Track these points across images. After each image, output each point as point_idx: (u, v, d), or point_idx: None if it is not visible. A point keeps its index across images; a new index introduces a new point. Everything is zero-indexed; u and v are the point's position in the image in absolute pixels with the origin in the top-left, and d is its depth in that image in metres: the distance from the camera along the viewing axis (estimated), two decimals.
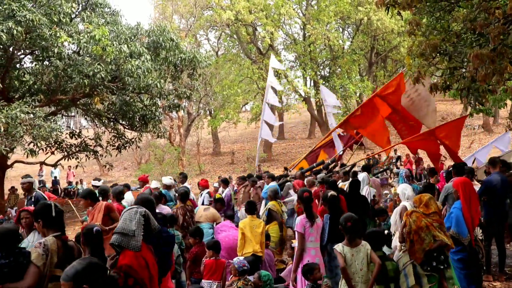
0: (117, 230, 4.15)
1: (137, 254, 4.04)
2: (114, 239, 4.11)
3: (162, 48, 18.49)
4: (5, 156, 17.58)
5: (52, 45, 16.38)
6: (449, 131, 12.26)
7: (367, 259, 5.29)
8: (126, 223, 4.13)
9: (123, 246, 4.08)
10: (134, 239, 4.08)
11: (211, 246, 6.59)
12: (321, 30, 31.03)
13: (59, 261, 3.92)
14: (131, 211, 4.28)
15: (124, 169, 36.77)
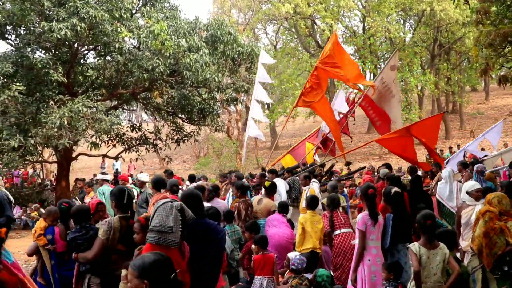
0: (154, 228, 3.99)
1: (156, 248, 3.85)
2: (152, 238, 3.99)
3: (220, 42, 18.54)
4: (70, 149, 18.19)
5: (113, 41, 16.79)
6: (425, 129, 11.67)
7: (444, 264, 4.89)
8: (163, 219, 3.97)
9: (160, 244, 3.95)
10: (172, 235, 3.96)
11: (257, 241, 6.44)
12: (382, 22, 30.25)
13: (121, 237, 4.71)
14: (165, 205, 4.09)
15: (183, 162, 37.33)
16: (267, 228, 7.64)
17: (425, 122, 12.34)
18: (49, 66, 16.25)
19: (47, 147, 17.98)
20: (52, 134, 15.41)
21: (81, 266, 4.92)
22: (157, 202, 4.32)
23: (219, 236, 4.71)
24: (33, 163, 21.22)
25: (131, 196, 4.97)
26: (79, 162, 24.54)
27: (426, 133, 11.55)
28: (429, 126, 11.82)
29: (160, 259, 2.71)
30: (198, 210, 4.50)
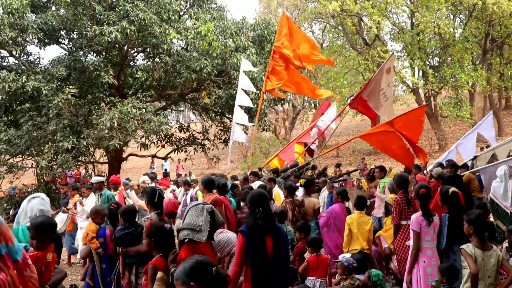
0: (184, 226, 4.34)
1: (194, 248, 4.13)
2: (183, 235, 4.31)
3: (267, 41, 18.52)
4: (120, 149, 18.57)
5: (162, 42, 17.03)
6: (408, 122, 11.02)
7: (497, 267, 4.67)
8: (193, 218, 4.32)
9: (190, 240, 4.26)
10: (200, 233, 4.25)
11: (310, 243, 6.35)
12: (431, 17, 29.45)
13: None
14: (197, 207, 4.43)
15: (230, 162, 37.53)
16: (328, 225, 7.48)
17: (408, 115, 11.79)
18: (100, 68, 16.65)
19: (99, 148, 18.41)
20: (103, 135, 15.75)
21: (128, 259, 5.36)
22: (190, 203, 4.46)
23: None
24: (86, 164, 21.76)
25: (162, 196, 5.56)
26: (129, 163, 25.04)
27: (409, 127, 11.06)
28: (412, 119, 11.32)
29: (198, 260, 2.72)
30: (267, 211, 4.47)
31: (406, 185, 6.85)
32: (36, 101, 17.60)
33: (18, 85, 16.61)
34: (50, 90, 16.33)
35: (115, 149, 16.72)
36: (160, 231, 4.47)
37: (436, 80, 28.22)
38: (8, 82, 16.42)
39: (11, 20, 16.75)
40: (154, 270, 4.17)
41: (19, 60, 18.78)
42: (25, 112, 17.77)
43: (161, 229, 4.51)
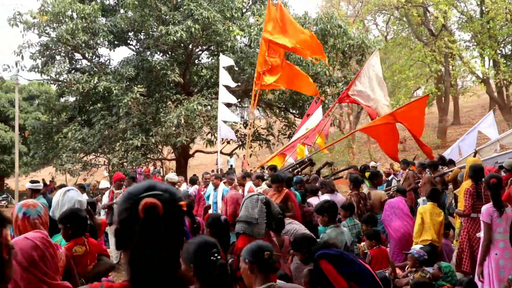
0: (240, 219, 4.30)
1: (251, 239, 4.01)
2: (238, 228, 4.28)
3: (330, 35, 18.38)
4: (187, 146, 19.02)
5: (225, 40, 17.28)
6: (409, 113, 10.36)
7: None
8: (249, 211, 4.24)
9: (246, 233, 4.20)
10: (257, 226, 4.18)
11: (371, 235, 6.28)
12: (502, 4, 28.23)
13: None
14: (252, 198, 4.35)
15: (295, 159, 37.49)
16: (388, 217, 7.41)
17: (410, 106, 11.12)
18: (166, 67, 17.12)
19: (166, 145, 18.94)
20: (171, 132, 16.20)
21: None
22: (246, 195, 4.55)
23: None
24: (154, 161, 22.43)
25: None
26: (195, 159, 25.53)
27: (410, 118, 10.49)
28: (414, 111, 10.72)
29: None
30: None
31: (479, 177, 6.65)
32: (107, 101, 18.35)
33: (90, 86, 17.38)
34: (120, 90, 16.97)
35: (182, 145, 17.15)
36: (216, 222, 4.54)
37: (508, 69, 27.01)
38: (82, 83, 17.22)
39: (84, 25, 17.53)
40: None
41: (91, 62, 19.66)
42: (97, 112, 18.61)
43: (217, 220, 4.57)
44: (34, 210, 3.14)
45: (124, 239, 1.47)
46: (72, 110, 20.51)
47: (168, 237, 1.47)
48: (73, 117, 20.37)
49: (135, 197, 1.48)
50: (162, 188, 1.51)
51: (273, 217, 4.37)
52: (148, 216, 1.43)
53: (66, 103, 20.90)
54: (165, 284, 1.47)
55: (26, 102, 33.24)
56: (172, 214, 1.48)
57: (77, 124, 19.21)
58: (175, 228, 1.50)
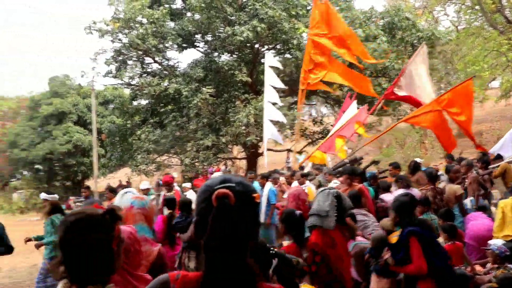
0: (312, 212, 4.40)
1: (324, 233, 4.15)
2: (310, 221, 4.37)
3: (397, 28, 17.94)
4: (256, 145, 19.17)
5: (291, 38, 17.28)
6: (455, 97, 9.53)
7: None
8: (320, 204, 4.33)
9: (317, 226, 4.28)
10: (327, 219, 4.24)
11: (447, 230, 6.05)
12: None
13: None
14: (323, 192, 4.46)
15: (365, 154, 36.89)
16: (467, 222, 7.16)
17: (455, 91, 10.17)
18: (234, 67, 17.35)
19: (236, 144, 19.16)
20: (240, 131, 16.39)
21: (183, 243, 6.39)
22: (318, 189, 4.80)
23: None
24: (225, 160, 22.77)
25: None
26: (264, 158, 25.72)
27: (457, 102, 9.60)
28: (460, 93, 9.81)
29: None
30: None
31: None
32: (178, 102, 18.81)
33: (161, 89, 17.92)
34: (190, 91, 17.36)
35: (252, 144, 17.32)
36: (291, 217, 4.54)
37: None
38: (153, 86, 17.78)
39: (153, 29, 18.06)
40: None
41: (161, 65, 20.23)
42: (168, 114, 19.12)
43: (292, 215, 4.56)
44: (140, 202, 3.50)
45: (201, 229, 1.56)
46: (144, 113, 21.20)
47: (240, 227, 1.52)
48: (145, 119, 21.05)
49: (210, 189, 1.58)
50: (236, 180, 1.60)
51: (344, 210, 4.40)
52: (220, 205, 1.51)
53: (138, 106, 21.63)
54: (236, 274, 1.52)
55: (101, 107, 34.70)
56: (244, 205, 1.55)
57: (149, 126, 19.85)
58: (247, 218, 1.56)
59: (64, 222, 1.80)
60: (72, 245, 1.75)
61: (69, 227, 1.77)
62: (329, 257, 4.08)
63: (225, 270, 1.51)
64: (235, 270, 1.53)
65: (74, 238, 1.75)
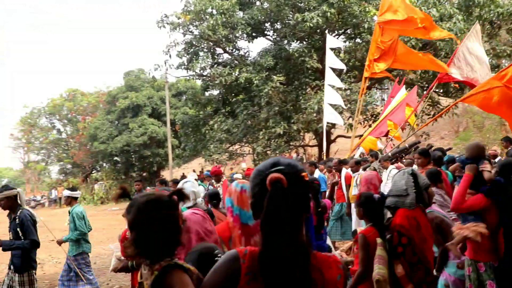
0: (390, 193, 4.34)
1: (408, 215, 4.07)
2: (389, 202, 4.29)
3: (474, 5, 17.14)
4: (328, 132, 19.00)
5: (362, 21, 16.93)
6: None
7: None
8: (397, 184, 4.28)
9: (398, 207, 4.18)
10: (407, 198, 4.16)
11: None
12: None
13: None
14: (399, 173, 4.41)
15: (441, 139, 35.70)
16: None
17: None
18: (304, 54, 17.24)
19: (308, 131, 19.08)
20: (312, 118, 16.30)
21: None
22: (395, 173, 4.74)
23: None
24: (296, 148, 22.75)
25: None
26: (337, 145, 25.42)
27: None
28: None
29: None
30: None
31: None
32: (249, 91, 18.97)
33: (232, 79, 18.13)
34: (260, 80, 17.45)
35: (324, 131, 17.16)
36: (369, 200, 4.46)
37: None
38: (224, 76, 18.02)
39: (223, 20, 18.26)
40: (363, 239, 4.13)
41: (231, 55, 20.46)
42: (240, 103, 19.34)
43: (370, 198, 4.46)
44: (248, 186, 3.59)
45: (258, 210, 1.70)
46: (216, 103, 21.55)
47: (293, 206, 1.66)
48: (218, 109, 21.40)
49: (263, 173, 1.73)
50: (284, 162, 1.74)
51: (421, 188, 4.28)
52: (274, 189, 1.65)
53: (210, 97, 22.01)
54: (291, 250, 1.63)
55: (175, 98, 35.59)
56: (296, 185, 1.69)
57: (222, 116, 20.18)
58: (298, 196, 1.69)
59: (135, 204, 1.97)
60: (144, 223, 1.92)
61: (141, 207, 1.94)
62: (414, 238, 4.01)
63: (281, 245, 1.63)
64: (290, 244, 1.64)
65: (147, 216, 1.92)
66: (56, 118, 46.67)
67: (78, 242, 7.43)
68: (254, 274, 1.67)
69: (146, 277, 1.92)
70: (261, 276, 1.66)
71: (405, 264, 3.95)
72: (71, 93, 45.55)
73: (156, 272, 1.88)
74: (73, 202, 7.66)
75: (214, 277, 1.73)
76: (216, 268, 1.75)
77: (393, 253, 3.98)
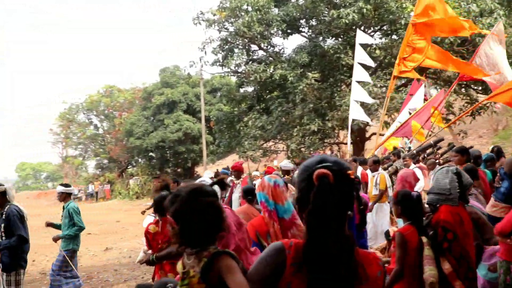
0: (432, 190, 4.28)
1: (452, 210, 4.03)
2: (431, 199, 4.26)
3: None
4: (363, 129, 18.87)
5: (398, 18, 16.69)
6: None
7: None
8: (440, 182, 4.21)
9: (438, 205, 4.16)
10: (450, 197, 4.11)
11: None
12: None
13: None
14: (442, 170, 4.32)
15: (479, 137, 34.94)
16: None
17: None
18: (339, 51, 17.13)
19: (343, 129, 18.95)
20: (346, 116, 16.15)
21: None
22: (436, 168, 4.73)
23: None
24: (331, 145, 22.62)
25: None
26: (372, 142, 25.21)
27: None
28: None
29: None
30: None
31: None
32: (283, 88, 18.97)
33: (267, 75, 18.16)
34: (295, 77, 17.43)
35: (359, 128, 17.04)
36: (407, 198, 4.40)
37: None
38: (259, 73, 18.06)
39: (259, 17, 18.30)
40: (401, 237, 4.06)
41: (266, 52, 20.47)
42: (274, 100, 19.36)
43: (408, 196, 4.37)
44: (281, 180, 3.72)
45: (303, 204, 1.75)
46: (251, 100, 21.61)
47: (338, 201, 1.70)
48: (252, 106, 21.46)
49: (309, 169, 1.78)
50: (331, 160, 1.79)
51: (465, 187, 4.26)
52: (320, 184, 1.70)
53: (245, 93, 22.08)
54: (336, 246, 1.67)
55: (209, 95, 35.86)
56: (341, 182, 1.73)
57: (256, 113, 20.24)
58: (344, 193, 1.73)
59: (177, 196, 2.06)
60: (189, 214, 2.00)
61: (185, 198, 2.03)
62: (458, 234, 3.99)
63: (326, 240, 1.67)
64: (336, 240, 1.68)
65: (191, 206, 2.01)
66: (94, 114, 47.63)
67: (73, 239, 7.35)
68: (299, 265, 1.71)
69: (192, 265, 1.99)
70: (306, 268, 1.70)
71: (452, 260, 3.93)
72: (108, 90, 46.40)
73: (205, 259, 1.96)
74: (67, 198, 7.64)
75: (260, 267, 1.78)
76: (262, 258, 1.79)
77: (438, 249, 3.96)
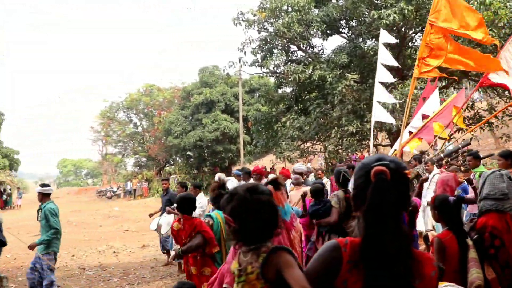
0: (488, 196, 4.27)
1: (501, 217, 4.03)
2: (488, 205, 4.23)
3: None
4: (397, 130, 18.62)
5: None
6: None
7: None
8: (495, 187, 4.22)
9: (492, 209, 4.12)
10: (508, 201, 4.12)
11: None
12: None
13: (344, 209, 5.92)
14: (495, 174, 4.35)
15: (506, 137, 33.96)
16: None
17: None
18: None
19: (381, 130, 18.79)
20: None
21: (321, 228, 6.39)
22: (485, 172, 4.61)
23: None
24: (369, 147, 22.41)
25: (346, 176, 6.28)
26: None
27: None
28: None
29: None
30: None
31: None
32: (322, 89, 18.91)
33: (305, 76, 18.12)
34: (334, 78, 17.36)
35: (398, 130, 16.84)
36: (444, 203, 4.27)
37: None
38: (298, 73, 18.05)
39: (299, 17, 18.30)
40: (439, 243, 3.93)
41: (305, 52, 20.44)
42: (312, 101, 19.32)
43: (445, 201, 4.25)
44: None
45: (359, 201, 1.79)
46: (289, 100, 21.62)
47: (394, 198, 1.72)
48: (290, 106, 21.47)
49: (367, 166, 1.81)
50: (388, 159, 1.81)
51: None
52: (378, 180, 1.73)
53: (283, 94, 22.09)
54: (392, 240, 1.69)
55: (248, 95, 36.02)
56: (398, 180, 1.75)
57: (294, 113, 20.26)
58: (400, 191, 1.76)
59: (234, 194, 2.14)
60: (246, 212, 2.07)
61: (242, 197, 2.10)
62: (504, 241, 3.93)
63: (384, 238, 1.68)
64: (393, 235, 1.68)
65: (248, 205, 2.08)
66: (133, 112, 48.49)
67: (50, 241, 7.20)
68: (355, 262, 1.72)
69: (250, 262, 2.06)
70: (362, 265, 1.72)
71: (497, 267, 3.87)
72: (148, 88, 47.14)
73: (264, 254, 2.03)
74: (45, 199, 7.39)
75: (317, 264, 1.81)
76: (318, 256, 1.82)
77: (484, 254, 3.89)
